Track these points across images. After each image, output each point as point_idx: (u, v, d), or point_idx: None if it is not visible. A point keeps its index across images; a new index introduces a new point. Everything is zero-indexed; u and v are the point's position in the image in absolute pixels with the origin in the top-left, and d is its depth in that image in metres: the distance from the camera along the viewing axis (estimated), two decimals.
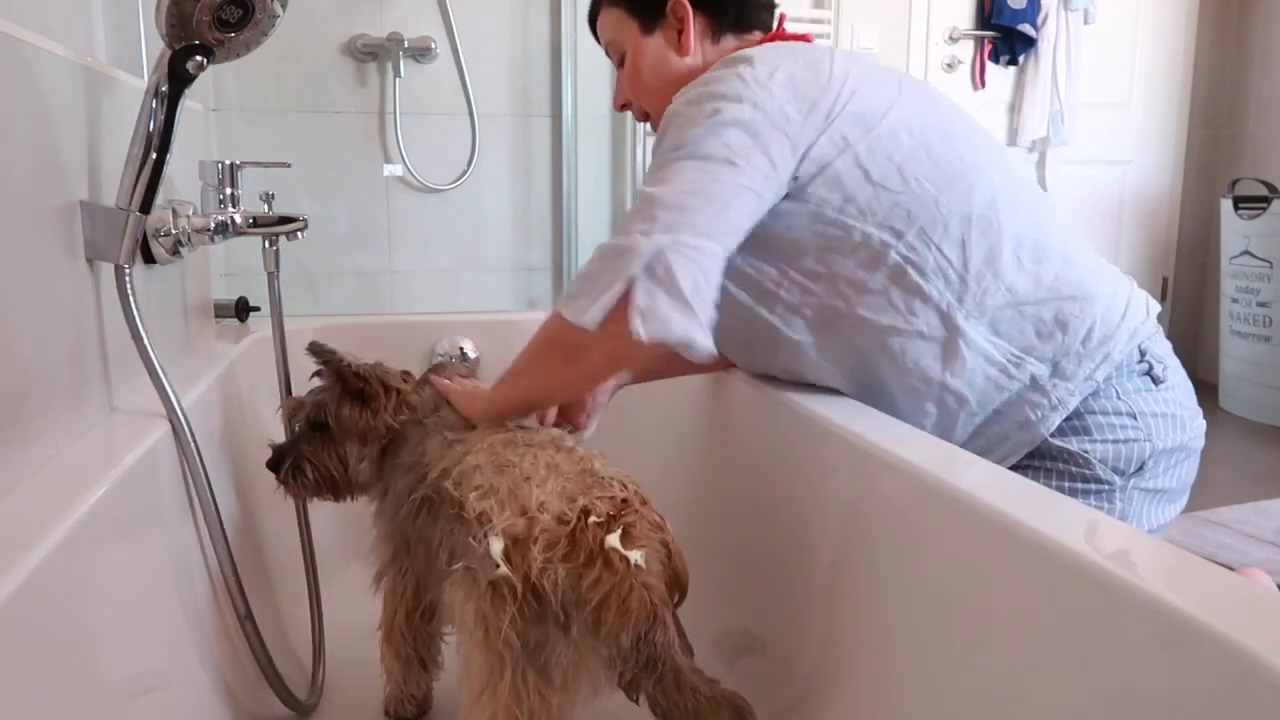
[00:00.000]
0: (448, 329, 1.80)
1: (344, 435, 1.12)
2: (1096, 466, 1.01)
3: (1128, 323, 1.03)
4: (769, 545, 1.15)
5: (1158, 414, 1.03)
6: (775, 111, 0.98)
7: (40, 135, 0.84)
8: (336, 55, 2.32)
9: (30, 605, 0.60)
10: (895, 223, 1.00)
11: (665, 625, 0.82)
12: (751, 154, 0.96)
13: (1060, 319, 1.02)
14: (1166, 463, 1.04)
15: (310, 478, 1.13)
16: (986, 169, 1.03)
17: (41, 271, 0.83)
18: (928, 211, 1.00)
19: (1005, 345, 1.02)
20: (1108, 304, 1.03)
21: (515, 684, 0.80)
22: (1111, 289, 1.05)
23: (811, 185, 1.00)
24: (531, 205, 2.54)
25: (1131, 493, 1.02)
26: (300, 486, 1.13)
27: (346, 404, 1.11)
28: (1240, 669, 0.52)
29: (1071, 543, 0.66)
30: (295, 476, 1.13)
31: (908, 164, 1.00)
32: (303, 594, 1.32)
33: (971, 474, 0.83)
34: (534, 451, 0.91)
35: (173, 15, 0.88)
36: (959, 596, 0.78)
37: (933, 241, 1.00)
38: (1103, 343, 1.02)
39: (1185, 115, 3.35)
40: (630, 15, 1.20)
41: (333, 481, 1.13)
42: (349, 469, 1.13)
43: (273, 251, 1.30)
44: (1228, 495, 2.28)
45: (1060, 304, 1.02)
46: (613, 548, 0.80)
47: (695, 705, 0.86)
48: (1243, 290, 3.05)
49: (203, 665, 0.95)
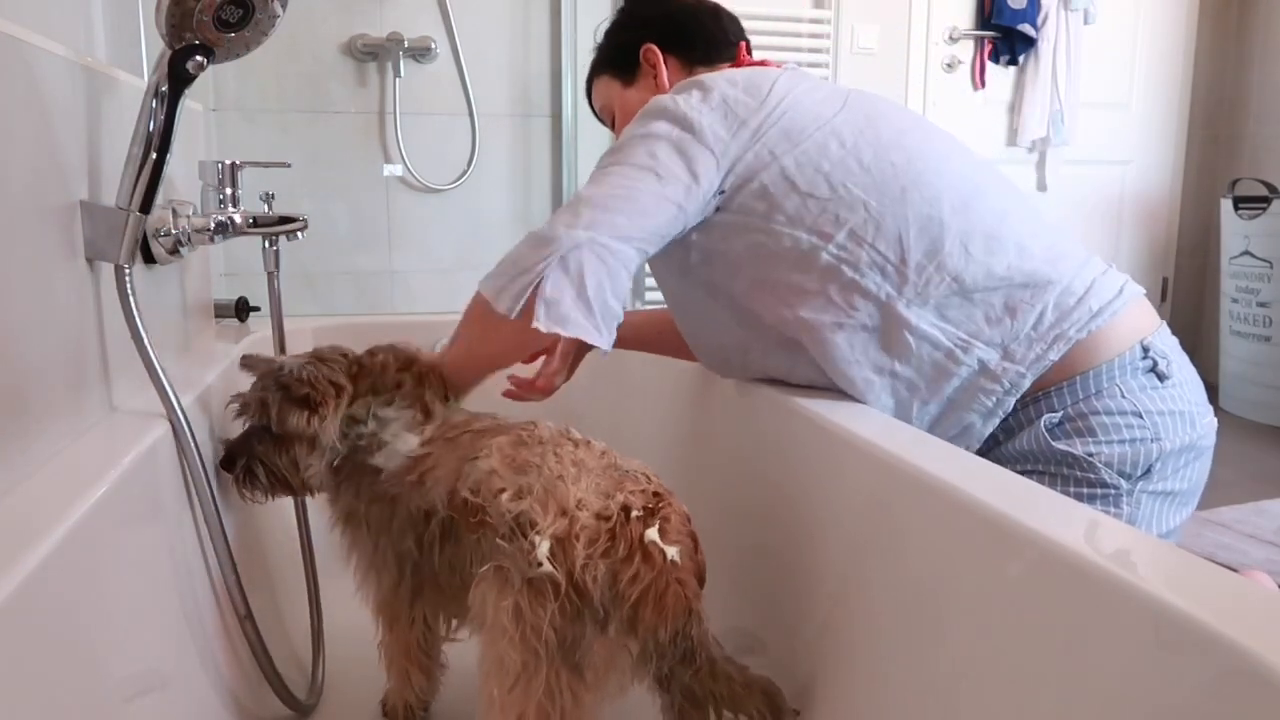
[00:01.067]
0: (448, 329, 1.79)
1: (291, 440, 1.06)
2: (1101, 470, 1.00)
3: (1086, 304, 1.05)
4: (769, 545, 1.15)
5: (1165, 411, 1.02)
6: (704, 130, 1.07)
7: (40, 135, 0.84)
8: (336, 55, 2.32)
9: (30, 605, 0.60)
10: (824, 226, 1.07)
11: (700, 619, 0.84)
12: (676, 168, 1.05)
13: (1010, 305, 1.05)
14: (1175, 464, 1.03)
15: (263, 479, 1.08)
16: (926, 172, 1.08)
17: (41, 271, 0.83)
18: (857, 214, 1.06)
19: (953, 330, 1.06)
20: (1064, 289, 1.06)
21: (549, 681, 0.80)
22: (1071, 275, 1.07)
23: (739, 196, 1.08)
24: (531, 205, 2.54)
25: (1139, 496, 1.01)
26: (254, 489, 1.09)
27: (291, 409, 1.05)
28: (1241, 670, 0.52)
29: (1072, 543, 0.66)
30: (248, 479, 1.08)
31: (835, 172, 1.07)
32: (303, 594, 1.32)
33: (970, 474, 0.83)
34: (551, 449, 0.91)
35: (173, 15, 0.88)
36: (958, 597, 0.78)
37: (865, 240, 1.06)
38: (1055, 325, 1.04)
39: (1185, 115, 3.35)
40: (613, 76, 1.34)
41: (286, 483, 1.09)
42: (300, 470, 1.08)
43: (273, 251, 1.30)
44: (1228, 495, 2.28)
45: (1010, 291, 1.05)
46: (652, 542, 0.81)
47: (730, 692, 0.89)
48: (1243, 290, 3.05)
49: (203, 665, 0.95)
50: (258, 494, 1.09)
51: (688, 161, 1.05)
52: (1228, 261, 3.10)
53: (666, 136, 1.06)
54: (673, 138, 1.06)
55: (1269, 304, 2.96)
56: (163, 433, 0.94)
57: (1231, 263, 3.09)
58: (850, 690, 0.93)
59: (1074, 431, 1.02)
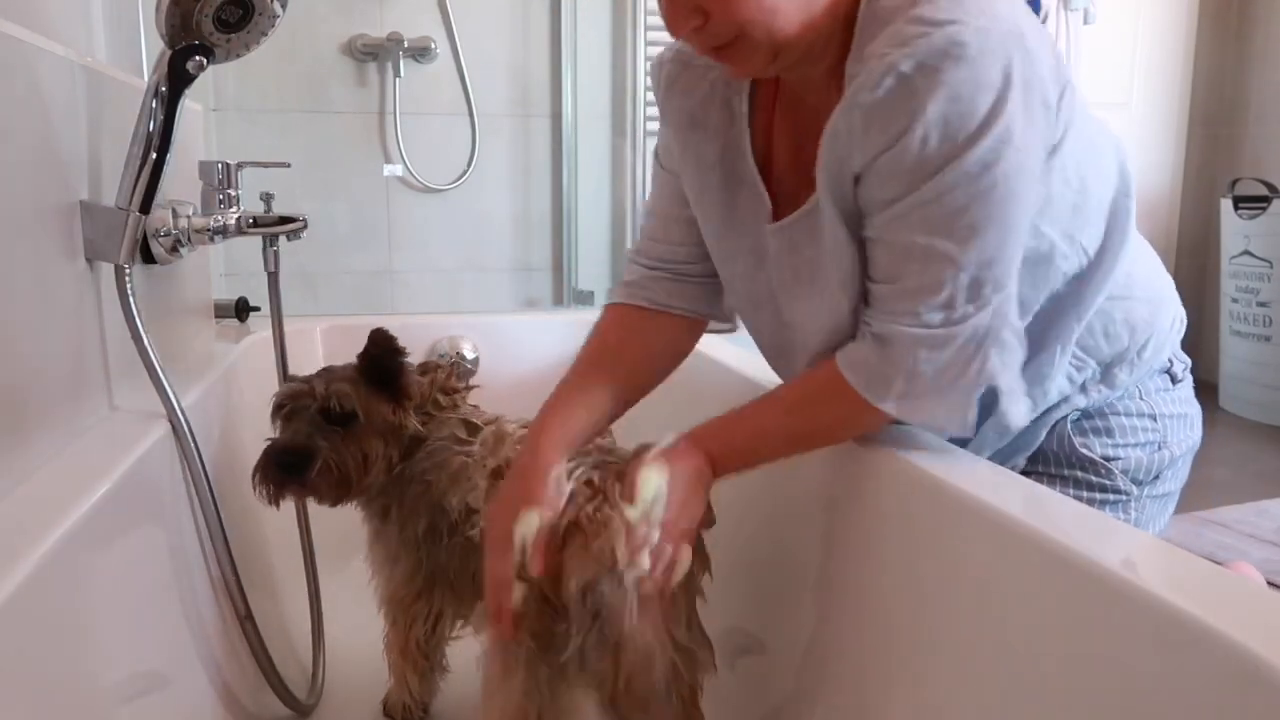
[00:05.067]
0: (447, 329, 1.80)
1: (371, 431, 1.01)
2: (1118, 478, 0.98)
3: (1174, 335, 1.01)
4: (769, 545, 1.15)
5: (1173, 415, 1.01)
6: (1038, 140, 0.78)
7: (40, 135, 0.84)
8: (336, 55, 2.32)
9: (30, 605, 0.60)
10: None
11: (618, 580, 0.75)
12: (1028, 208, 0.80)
13: (1129, 321, 0.95)
14: (1176, 467, 1.03)
15: (335, 479, 1.00)
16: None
17: (41, 271, 0.83)
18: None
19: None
20: (1173, 313, 1.00)
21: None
22: (1174, 295, 1.02)
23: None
24: (531, 205, 2.54)
25: (1145, 501, 1.01)
26: (322, 492, 1.01)
27: (376, 396, 1.00)
28: (1232, 662, 0.52)
29: (1071, 542, 0.66)
30: (322, 480, 1.00)
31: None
32: (303, 594, 1.32)
33: (969, 473, 0.83)
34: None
35: (173, 15, 0.88)
36: (958, 596, 0.78)
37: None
38: (1155, 354, 0.98)
39: (1185, 115, 3.35)
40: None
41: (348, 485, 1.01)
42: (370, 471, 1.02)
43: (273, 251, 1.30)
44: (1228, 495, 2.28)
45: (1131, 305, 0.95)
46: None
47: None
48: (1243, 290, 3.05)
49: (203, 665, 0.95)
50: (326, 496, 1.02)
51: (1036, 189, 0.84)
52: (1228, 261, 3.10)
53: (1020, 168, 0.79)
54: (1028, 166, 0.80)
55: (1269, 304, 2.96)
56: (163, 433, 0.94)
57: (1231, 262, 3.08)
58: (850, 690, 0.93)
59: (1092, 430, 0.98)
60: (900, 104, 0.72)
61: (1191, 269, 3.49)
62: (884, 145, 0.75)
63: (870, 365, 0.81)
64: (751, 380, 1.25)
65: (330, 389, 1.01)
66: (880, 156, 0.76)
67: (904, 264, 0.78)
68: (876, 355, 0.81)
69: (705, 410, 0.90)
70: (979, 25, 0.70)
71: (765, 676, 1.09)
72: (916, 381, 0.80)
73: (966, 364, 0.79)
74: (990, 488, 0.79)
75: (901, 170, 0.75)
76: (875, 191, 0.78)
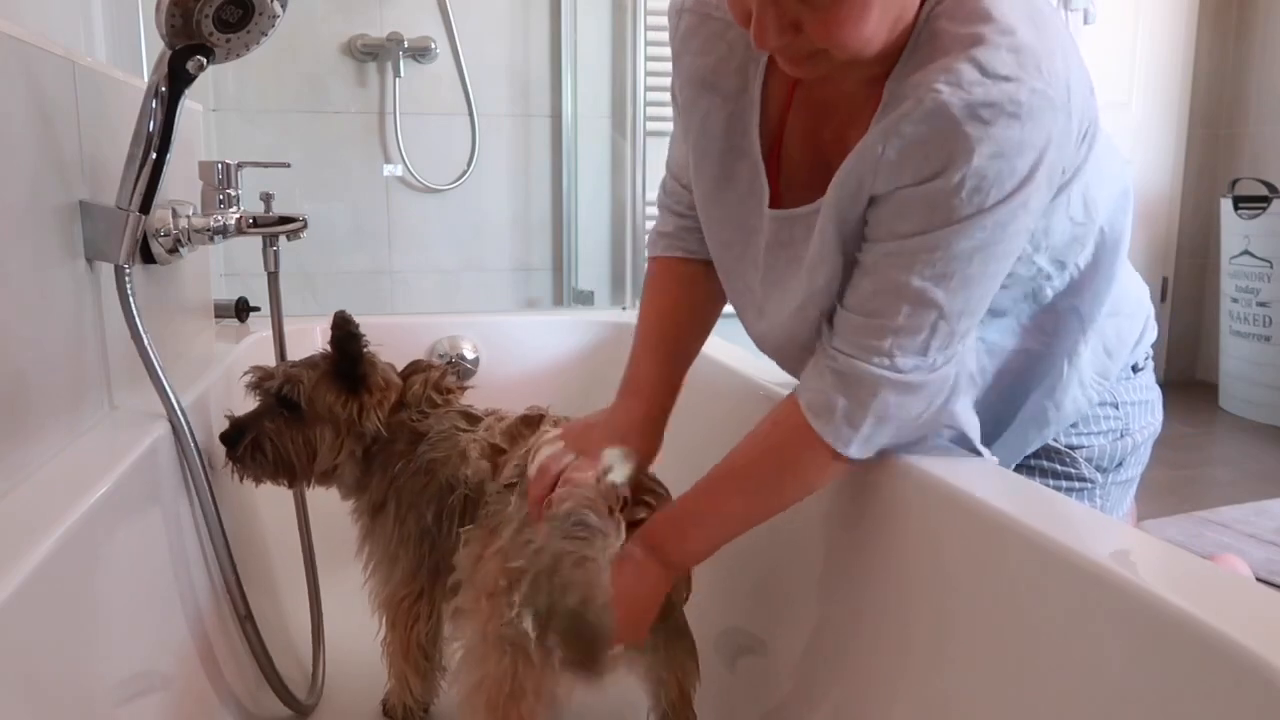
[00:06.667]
0: (447, 329, 1.80)
1: (316, 419, 1.03)
2: (1083, 466, 1.00)
3: (1149, 337, 1.01)
4: (769, 545, 1.15)
5: (1135, 402, 1.02)
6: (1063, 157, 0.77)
7: (40, 135, 0.84)
8: (336, 55, 2.32)
9: (30, 604, 0.60)
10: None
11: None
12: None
13: (1121, 335, 0.96)
14: (1137, 454, 1.04)
15: (269, 458, 1.03)
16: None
17: (42, 272, 0.83)
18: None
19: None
20: (1145, 320, 1.00)
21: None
22: (1149, 300, 1.03)
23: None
24: (531, 205, 2.54)
25: (1110, 488, 1.03)
26: (255, 467, 1.04)
27: (327, 386, 1.03)
28: (1222, 656, 0.52)
29: (1068, 541, 0.66)
30: (252, 456, 1.03)
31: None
32: (303, 594, 1.32)
33: (966, 472, 0.83)
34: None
35: (173, 15, 0.88)
36: (955, 595, 0.78)
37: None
38: (1135, 359, 1.00)
39: (1185, 115, 3.35)
40: None
41: (291, 468, 1.05)
42: (316, 458, 1.05)
43: (272, 251, 1.30)
44: (1228, 495, 2.29)
45: (1120, 321, 0.96)
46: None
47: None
48: (1243, 290, 3.05)
49: (203, 665, 0.95)
50: (261, 474, 1.05)
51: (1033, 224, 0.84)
52: (1228, 261, 3.10)
53: (1028, 203, 0.79)
54: (1033, 202, 0.79)
55: (1269, 304, 2.96)
56: (163, 433, 0.94)
57: (1231, 262, 3.09)
58: (850, 689, 0.93)
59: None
60: (943, 145, 0.71)
61: (1191, 269, 3.50)
62: (914, 179, 0.73)
63: (835, 408, 0.80)
64: (752, 380, 1.25)
65: (284, 374, 1.04)
66: (906, 189, 0.74)
67: (891, 302, 0.77)
68: (842, 395, 0.80)
69: (706, 410, 0.90)
70: (1035, 87, 0.69)
71: (765, 676, 1.09)
72: (884, 426, 0.80)
73: (936, 414, 0.82)
74: (988, 486, 0.79)
75: (923, 208, 0.74)
76: (887, 220, 0.77)
